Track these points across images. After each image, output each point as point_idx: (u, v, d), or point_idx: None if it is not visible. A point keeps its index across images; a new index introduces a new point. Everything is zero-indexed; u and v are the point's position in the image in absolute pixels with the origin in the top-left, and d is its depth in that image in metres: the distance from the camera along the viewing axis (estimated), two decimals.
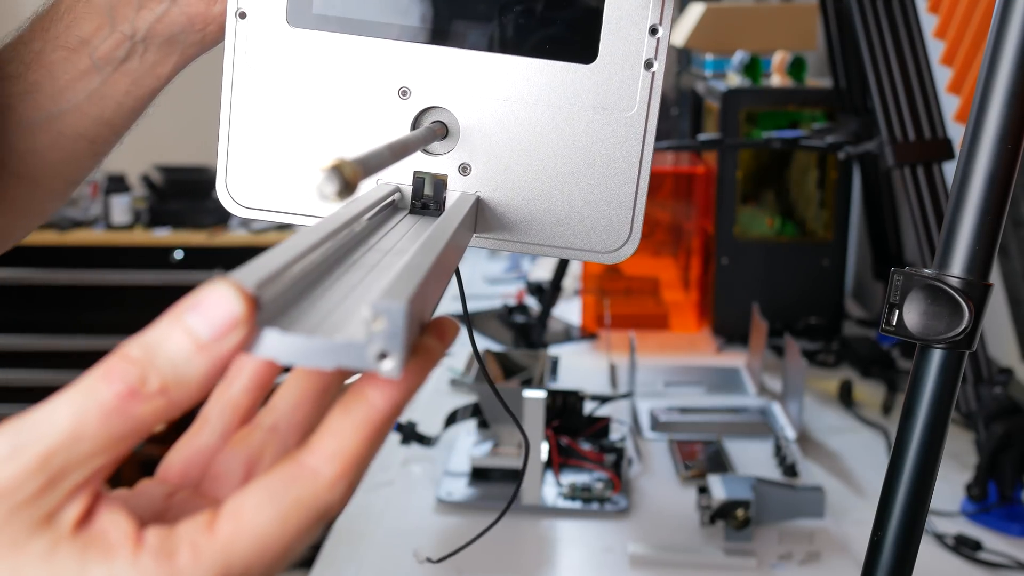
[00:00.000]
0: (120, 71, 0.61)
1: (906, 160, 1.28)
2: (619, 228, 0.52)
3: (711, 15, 2.05)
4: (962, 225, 0.52)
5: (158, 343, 0.30)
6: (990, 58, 0.51)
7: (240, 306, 0.30)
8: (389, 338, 0.31)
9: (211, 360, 0.30)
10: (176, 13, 0.59)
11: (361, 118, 0.52)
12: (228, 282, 0.30)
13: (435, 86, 0.52)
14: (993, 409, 1.17)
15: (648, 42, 0.51)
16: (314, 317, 0.33)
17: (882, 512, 0.54)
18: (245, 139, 0.53)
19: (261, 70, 0.52)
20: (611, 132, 0.52)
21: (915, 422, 0.53)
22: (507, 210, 0.52)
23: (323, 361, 0.31)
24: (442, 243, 0.39)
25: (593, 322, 1.86)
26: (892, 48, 1.31)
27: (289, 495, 0.32)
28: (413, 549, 1.08)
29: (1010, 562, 1.08)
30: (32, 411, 0.30)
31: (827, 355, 1.71)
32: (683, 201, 1.94)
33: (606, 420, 1.34)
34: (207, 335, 0.30)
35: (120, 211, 3.19)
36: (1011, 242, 1.33)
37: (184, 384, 0.30)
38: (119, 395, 0.30)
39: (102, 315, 3.28)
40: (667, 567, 1.07)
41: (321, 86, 0.52)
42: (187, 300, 0.30)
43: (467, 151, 0.52)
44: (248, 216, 0.54)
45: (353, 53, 0.52)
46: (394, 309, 0.31)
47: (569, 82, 0.51)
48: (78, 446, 0.30)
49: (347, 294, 0.37)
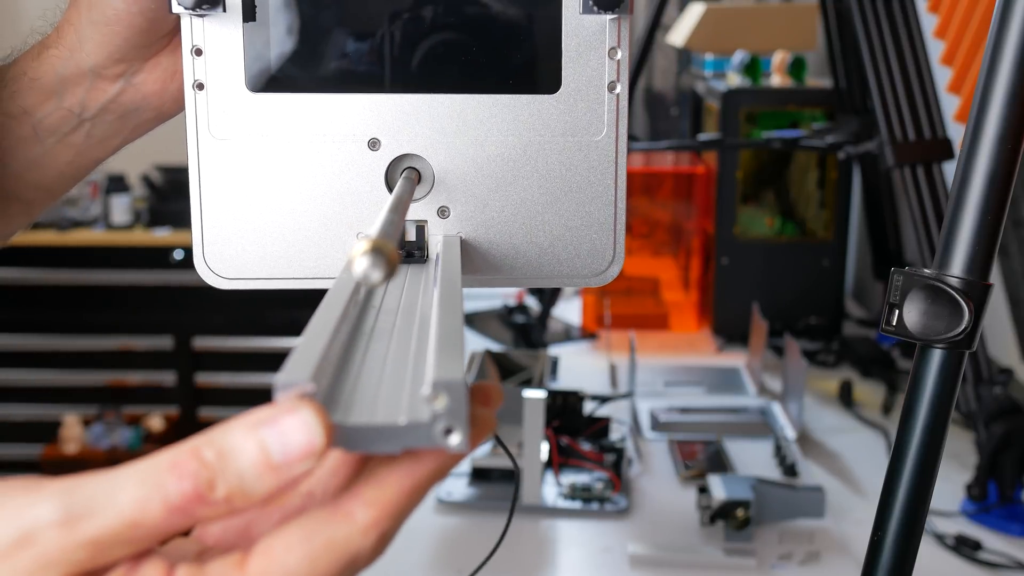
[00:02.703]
0: (64, 143, 0.58)
1: (906, 160, 1.28)
2: (602, 251, 0.52)
3: (711, 15, 2.05)
4: (962, 225, 0.52)
5: (231, 452, 0.30)
6: (990, 58, 0.51)
7: (320, 438, 0.30)
8: (453, 414, 0.31)
9: (279, 480, 0.30)
10: (130, 93, 0.56)
11: (334, 175, 0.51)
12: (310, 406, 0.30)
13: (404, 134, 0.51)
14: (993, 409, 1.16)
15: (609, 65, 0.51)
16: (364, 399, 0.34)
17: (882, 512, 0.54)
18: (218, 211, 0.52)
19: (226, 139, 0.51)
20: (583, 158, 0.52)
21: (915, 422, 0.53)
22: (490, 247, 0.52)
23: (390, 446, 0.31)
24: (460, 300, 0.39)
25: (593, 322, 1.86)
26: (892, 48, 1.31)
27: (321, 536, 0.31)
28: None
29: (1010, 562, 1.08)
30: (93, 480, 0.30)
31: (827, 355, 1.71)
32: (683, 201, 1.94)
33: (606, 420, 1.34)
34: (280, 458, 0.30)
35: (120, 211, 3.18)
36: (1011, 242, 1.33)
37: (248, 497, 0.31)
38: (185, 495, 0.30)
39: (102, 315, 3.28)
40: (667, 567, 1.07)
41: (289, 148, 0.51)
42: (266, 412, 0.30)
43: (443, 194, 0.52)
44: (230, 288, 0.53)
45: (318, 111, 0.51)
46: (454, 386, 0.31)
47: (536, 114, 0.51)
48: (134, 532, 0.30)
49: (382, 367, 0.37)
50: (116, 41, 0.53)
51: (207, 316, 3.22)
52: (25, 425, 3.34)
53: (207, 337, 3.28)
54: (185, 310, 3.21)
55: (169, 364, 3.30)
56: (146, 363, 3.32)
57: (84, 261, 3.23)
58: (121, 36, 0.53)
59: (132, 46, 0.54)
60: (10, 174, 0.58)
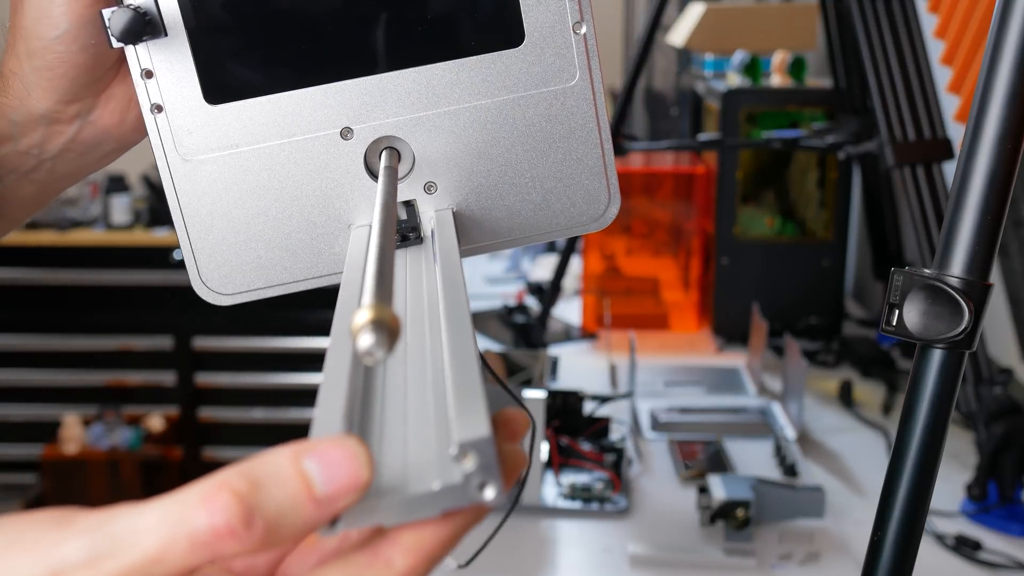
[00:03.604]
0: (26, 179, 0.56)
1: (906, 160, 1.28)
2: (597, 194, 0.52)
3: (711, 15, 2.05)
4: (962, 225, 0.52)
5: (269, 482, 0.28)
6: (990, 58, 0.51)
7: (366, 471, 0.29)
8: (484, 470, 0.30)
9: (320, 515, 0.29)
10: (88, 130, 0.54)
11: (313, 172, 0.50)
12: (356, 439, 0.29)
13: (374, 117, 0.50)
14: (993, 409, 1.16)
15: (570, 5, 0.49)
16: (394, 462, 0.32)
17: (882, 512, 0.54)
18: (204, 231, 0.51)
19: (195, 157, 0.50)
20: (561, 106, 0.51)
21: (915, 422, 0.53)
22: (484, 213, 0.51)
23: (427, 512, 0.30)
24: (468, 318, 0.38)
25: (593, 322, 1.86)
26: (892, 48, 1.31)
27: None
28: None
29: (1010, 562, 1.08)
30: (120, 516, 0.29)
31: (827, 355, 1.71)
32: (683, 201, 1.94)
33: (606, 420, 1.34)
34: (325, 491, 0.28)
35: (120, 211, 3.19)
36: (1011, 242, 1.33)
37: (284, 532, 0.29)
38: (215, 531, 0.28)
39: (102, 315, 3.28)
40: (667, 567, 1.07)
41: (262, 154, 0.50)
42: (309, 444, 0.29)
43: (427, 169, 0.51)
44: (233, 303, 0.52)
45: (283, 111, 0.50)
46: (482, 443, 0.30)
47: (505, 70, 0.50)
48: (156, 569, 0.28)
49: (404, 414, 0.35)
50: (64, 84, 0.52)
51: (207, 316, 3.22)
52: (25, 425, 3.34)
53: (207, 337, 3.28)
54: (185, 310, 3.21)
55: (169, 364, 3.31)
56: (146, 363, 3.32)
57: (84, 261, 3.23)
58: (68, 78, 0.52)
59: (80, 85, 0.52)
60: None
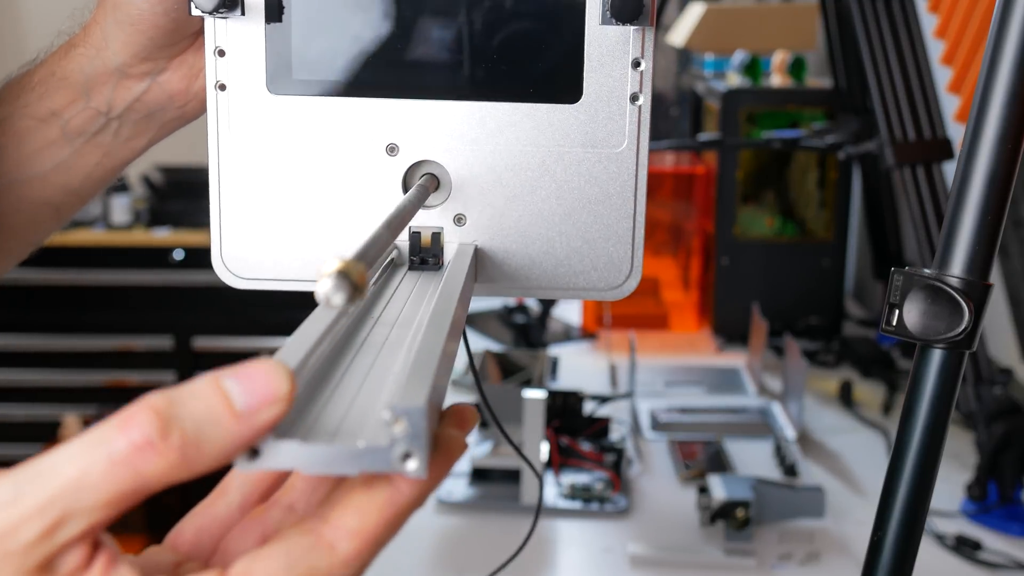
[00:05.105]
0: (92, 143, 0.59)
1: (906, 160, 1.28)
2: (620, 264, 0.52)
3: (711, 15, 2.05)
4: (962, 225, 0.52)
5: (188, 398, 0.29)
6: (990, 58, 0.51)
7: (285, 384, 0.29)
8: (411, 440, 0.30)
9: (239, 431, 0.29)
10: (155, 91, 0.57)
11: (351, 179, 0.52)
12: (275, 360, 0.30)
13: (422, 140, 0.51)
14: (993, 409, 1.16)
15: (632, 76, 0.50)
16: (330, 420, 0.33)
17: (882, 512, 0.54)
18: (236, 211, 0.52)
19: (246, 140, 0.52)
20: (603, 169, 0.51)
21: (915, 422, 0.53)
22: (506, 256, 0.52)
23: (347, 468, 0.31)
24: (448, 320, 0.38)
25: (593, 322, 1.86)
26: (892, 48, 1.31)
27: (303, 565, 0.30)
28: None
29: (1010, 562, 1.08)
30: (45, 456, 0.29)
31: (827, 355, 1.71)
32: (683, 201, 1.94)
33: (606, 420, 1.34)
34: (243, 403, 0.29)
35: (120, 211, 3.18)
36: (1011, 242, 1.33)
37: (203, 447, 0.29)
38: (133, 445, 0.28)
39: (102, 315, 3.28)
40: (667, 567, 1.07)
41: (308, 150, 0.51)
42: (231, 368, 0.29)
43: (460, 201, 0.51)
44: (246, 288, 0.53)
45: (337, 114, 0.51)
46: (414, 410, 0.30)
47: (556, 123, 0.51)
48: (79, 495, 0.28)
49: (361, 384, 0.36)
50: (141, 40, 0.54)
51: (207, 316, 3.22)
52: (25, 425, 3.34)
53: (207, 337, 3.28)
54: (185, 310, 3.21)
55: (169, 364, 3.30)
56: (146, 363, 3.32)
57: (84, 261, 3.23)
58: (146, 36, 0.54)
59: (156, 45, 0.55)
60: (38, 178, 0.59)
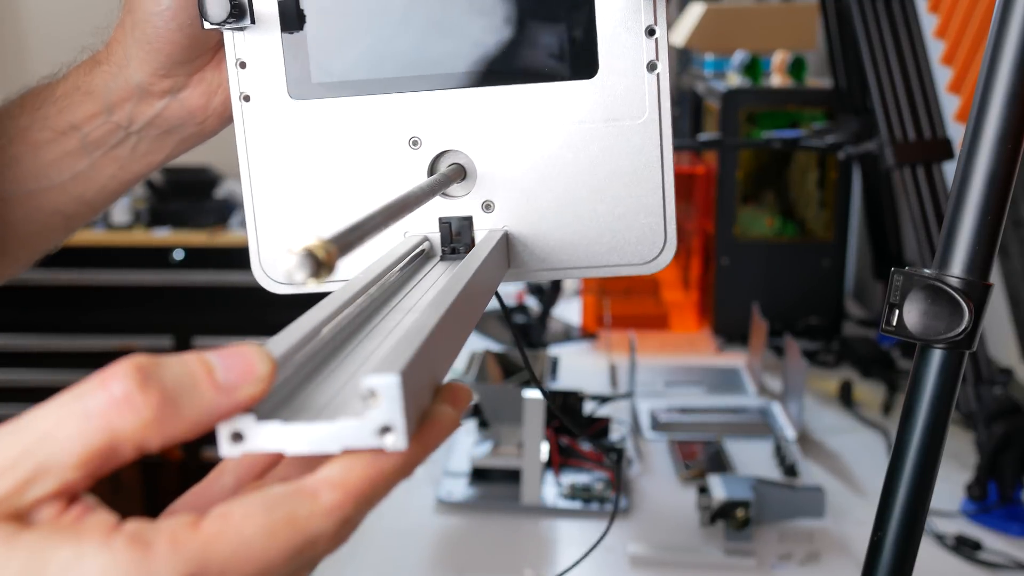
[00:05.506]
0: (109, 156, 0.60)
1: (906, 160, 1.28)
2: (654, 236, 0.51)
3: (711, 15, 2.05)
4: (962, 225, 0.52)
5: (172, 362, 0.29)
6: (990, 58, 0.51)
7: (265, 366, 0.30)
8: (388, 413, 0.30)
9: (216, 401, 0.29)
10: (175, 108, 0.58)
11: (378, 175, 0.52)
12: (261, 345, 0.30)
13: (443, 130, 0.51)
14: (993, 409, 1.16)
15: (647, 44, 0.50)
16: (321, 399, 0.33)
17: (882, 512, 0.54)
18: (270, 217, 0.53)
19: (273, 147, 0.53)
20: (627, 142, 0.51)
21: (915, 422, 0.53)
22: (538, 239, 0.51)
23: (329, 446, 0.30)
24: (450, 298, 0.38)
25: (593, 322, 1.86)
26: (892, 48, 1.31)
27: (282, 509, 0.30)
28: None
29: (1010, 562, 1.08)
30: (27, 414, 0.30)
31: (827, 355, 1.71)
32: (683, 201, 1.94)
33: (606, 420, 1.34)
34: (223, 376, 0.30)
35: (120, 211, 3.18)
36: (1011, 242, 1.33)
37: (180, 410, 0.29)
38: (111, 398, 0.28)
39: (102, 315, 3.28)
40: (667, 567, 1.07)
41: (333, 151, 0.52)
42: (214, 349, 0.30)
43: (487, 188, 0.51)
44: (285, 292, 0.54)
45: (358, 114, 0.52)
46: (387, 383, 0.30)
47: (575, 100, 0.50)
48: (52, 449, 0.28)
49: (358, 368, 0.36)
50: (159, 58, 0.56)
51: (207, 316, 3.22)
52: None
53: (207, 337, 3.28)
54: (185, 310, 3.21)
55: None
56: None
57: (84, 261, 3.23)
58: (163, 53, 0.55)
59: (174, 62, 0.56)
60: (54, 188, 0.60)
